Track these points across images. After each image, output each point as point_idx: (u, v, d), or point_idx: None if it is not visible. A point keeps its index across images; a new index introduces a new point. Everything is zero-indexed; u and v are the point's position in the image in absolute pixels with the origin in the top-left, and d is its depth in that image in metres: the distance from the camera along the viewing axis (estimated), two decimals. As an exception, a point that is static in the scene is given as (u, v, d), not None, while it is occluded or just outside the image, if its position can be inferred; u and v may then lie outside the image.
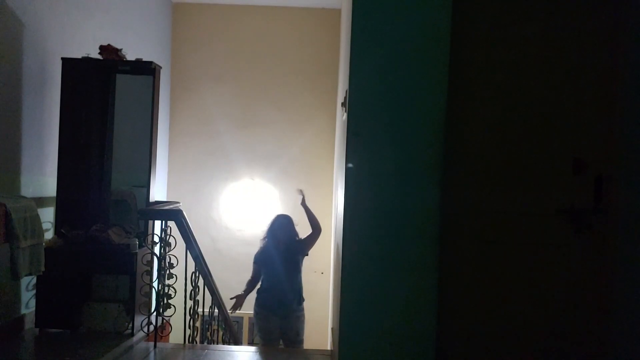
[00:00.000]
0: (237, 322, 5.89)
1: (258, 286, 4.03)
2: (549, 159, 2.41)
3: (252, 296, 4.06)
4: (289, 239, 3.96)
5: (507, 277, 2.43)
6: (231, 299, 4.04)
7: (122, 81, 3.60)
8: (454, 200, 2.40)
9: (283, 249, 3.92)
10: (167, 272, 3.29)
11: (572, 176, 2.38)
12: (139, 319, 3.26)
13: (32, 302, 3.23)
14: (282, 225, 3.98)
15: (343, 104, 2.97)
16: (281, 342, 3.99)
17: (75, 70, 3.40)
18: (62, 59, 3.40)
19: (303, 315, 4.00)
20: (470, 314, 2.43)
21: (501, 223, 2.42)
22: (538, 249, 2.42)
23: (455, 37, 2.38)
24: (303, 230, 4.11)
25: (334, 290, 3.99)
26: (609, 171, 2.32)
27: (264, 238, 4.04)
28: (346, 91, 2.58)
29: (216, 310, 4.39)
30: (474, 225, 2.43)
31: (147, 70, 3.48)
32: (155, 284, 3.29)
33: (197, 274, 3.66)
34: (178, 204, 3.79)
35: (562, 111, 2.41)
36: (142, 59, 3.54)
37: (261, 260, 4.00)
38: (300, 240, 4.04)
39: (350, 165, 2.37)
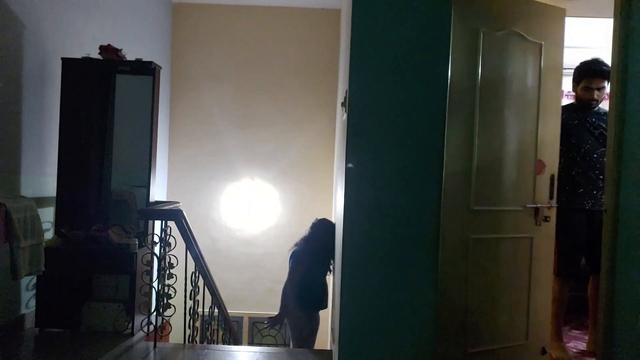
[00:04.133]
0: (237, 322, 5.88)
1: None
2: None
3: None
4: (322, 245, 3.84)
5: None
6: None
7: (122, 81, 3.60)
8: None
9: (314, 253, 3.85)
10: (167, 272, 3.29)
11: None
12: (138, 319, 3.26)
13: (32, 302, 3.23)
14: (320, 229, 3.92)
15: (343, 104, 2.96)
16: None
17: (75, 70, 3.40)
18: (62, 59, 3.40)
19: (313, 321, 3.93)
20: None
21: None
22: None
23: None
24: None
25: (334, 290, 3.98)
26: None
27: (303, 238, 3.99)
28: (346, 91, 2.58)
29: (216, 310, 4.39)
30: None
31: (147, 70, 3.48)
32: (155, 284, 3.29)
33: (197, 274, 3.66)
34: (178, 204, 3.79)
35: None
36: (142, 59, 3.54)
37: (292, 258, 3.95)
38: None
39: (350, 165, 2.36)
